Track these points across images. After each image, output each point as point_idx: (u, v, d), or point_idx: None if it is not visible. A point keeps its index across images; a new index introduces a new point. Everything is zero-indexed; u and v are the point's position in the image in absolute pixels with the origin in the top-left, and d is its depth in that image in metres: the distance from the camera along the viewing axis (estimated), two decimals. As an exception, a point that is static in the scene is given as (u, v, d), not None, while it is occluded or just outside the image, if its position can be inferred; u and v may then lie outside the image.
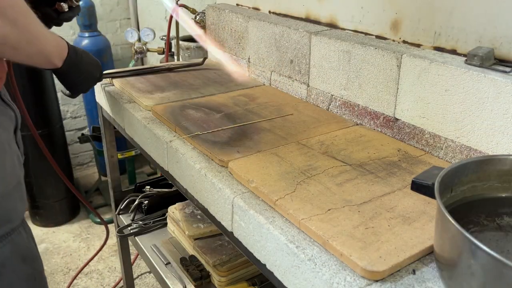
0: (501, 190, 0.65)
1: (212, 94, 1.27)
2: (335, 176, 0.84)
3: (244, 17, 1.39)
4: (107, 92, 1.34)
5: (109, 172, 1.61)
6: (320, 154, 0.92)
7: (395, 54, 0.96)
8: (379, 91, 1.02)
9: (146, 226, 1.60)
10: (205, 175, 0.88)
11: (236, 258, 1.31)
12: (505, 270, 0.45)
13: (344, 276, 0.62)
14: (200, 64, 0.97)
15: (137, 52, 2.12)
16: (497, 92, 0.80)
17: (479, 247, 0.47)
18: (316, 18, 1.27)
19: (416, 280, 0.62)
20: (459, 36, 0.93)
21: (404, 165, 0.89)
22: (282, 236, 0.70)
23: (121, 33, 2.97)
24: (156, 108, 1.15)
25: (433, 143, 0.94)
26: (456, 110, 0.87)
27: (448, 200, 0.62)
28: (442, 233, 0.54)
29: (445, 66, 0.87)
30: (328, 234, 0.67)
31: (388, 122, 1.02)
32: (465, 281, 0.51)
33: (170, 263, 1.40)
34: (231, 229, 0.83)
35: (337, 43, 1.09)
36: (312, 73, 1.19)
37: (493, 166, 0.64)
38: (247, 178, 0.82)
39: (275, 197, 0.76)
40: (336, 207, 0.74)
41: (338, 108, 1.15)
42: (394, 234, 0.68)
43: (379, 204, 0.76)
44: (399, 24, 1.05)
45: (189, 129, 1.03)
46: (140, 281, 2.15)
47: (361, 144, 0.97)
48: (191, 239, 1.41)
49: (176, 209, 1.52)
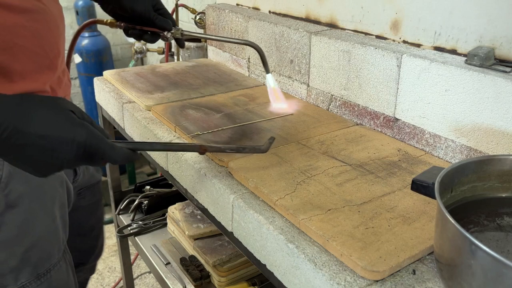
0: (501, 190, 0.65)
1: (212, 94, 1.27)
2: (335, 176, 0.84)
3: (244, 17, 1.39)
4: (107, 92, 1.34)
5: (108, 172, 1.61)
6: (320, 154, 0.92)
7: (395, 54, 0.96)
8: (379, 91, 1.02)
9: (146, 226, 1.60)
10: (205, 175, 0.88)
11: (236, 258, 1.31)
12: (505, 270, 0.45)
13: (344, 277, 0.62)
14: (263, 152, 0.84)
15: (137, 52, 2.12)
16: (497, 92, 0.80)
17: (479, 247, 0.47)
18: (316, 18, 1.27)
19: (416, 280, 0.62)
20: (459, 36, 0.93)
21: (404, 165, 0.89)
22: (282, 236, 0.70)
23: (121, 33, 2.97)
24: (156, 108, 1.15)
25: (433, 143, 0.94)
26: (456, 110, 0.87)
27: (448, 200, 0.62)
28: (442, 233, 0.54)
29: (445, 66, 0.87)
30: (328, 234, 0.67)
31: (388, 122, 1.02)
32: (465, 281, 0.51)
33: (170, 263, 1.40)
34: (231, 229, 0.83)
35: (337, 43, 1.09)
36: (312, 73, 1.19)
37: (493, 166, 0.64)
38: (247, 178, 0.82)
39: (275, 197, 0.76)
40: (336, 207, 0.74)
41: (338, 108, 1.14)
42: (394, 234, 0.68)
43: (379, 204, 0.75)
44: (399, 24, 1.05)
45: (189, 129, 1.03)
46: (140, 281, 2.15)
47: (361, 144, 0.97)
48: (191, 239, 1.40)
49: (176, 209, 1.52)
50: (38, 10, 0.74)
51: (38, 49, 0.75)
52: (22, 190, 0.74)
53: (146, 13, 0.99)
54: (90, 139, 0.62)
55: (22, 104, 0.58)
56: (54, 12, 0.79)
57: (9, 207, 0.73)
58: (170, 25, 1.02)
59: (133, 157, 0.70)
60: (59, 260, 0.82)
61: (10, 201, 0.73)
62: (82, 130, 0.62)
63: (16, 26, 0.70)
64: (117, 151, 0.67)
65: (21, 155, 0.58)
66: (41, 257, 0.78)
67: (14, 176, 0.73)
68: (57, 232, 0.81)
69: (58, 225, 0.81)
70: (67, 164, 0.62)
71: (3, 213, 0.72)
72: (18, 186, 0.73)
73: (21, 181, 0.74)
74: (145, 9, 0.99)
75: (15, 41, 0.70)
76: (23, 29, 0.72)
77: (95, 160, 0.65)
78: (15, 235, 0.74)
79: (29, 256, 0.76)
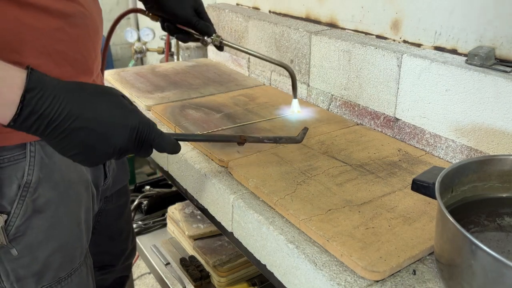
0: (502, 190, 0.65)
1: (212, 94, 1.27)
2: (335, 176, 0.84)
3: (244, 16, 1.39)
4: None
5: (109, 172, 1.61)
6: (320, 154, 0.92)
7: (396, 53, 0.96)
8: (380, 91, 1.02)
9: (146, 226, 1.61)
10: (205, 175, 0.88)
11: (236, 259, 1.31)
12: (505, 271, 0.45)
13: (345, 277, 0.61)
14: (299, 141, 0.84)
15: (137, 52, 2.12)
16: (498, 92, 0.80)
17: (479, 247, 0.46)
18: (316, 17, 1.27)
19: (417, 280, 0.62)
20: (460, 36, 0.93)
21: (404, 165, 0.89)
22: (282, 236, 0.69)
23: (120, 32, 2.97)
24: (156, 108, 1.15)
25: (434, 143, 0.93)
26: (457, 110, 0.87)
27: (449, 200, 0.62)
28: (443, 233, 0.54)
29: (446, 66, 0.87)
30: (328, 234, 0.67)
31: (389, 122, 1.02)
32: (465, 282, 0.51)
33: (170, 263, 1.40)
34: (231, 229, 0.83)
35: (337, 42, 1.09)
36: (312, 73, 1.19)
37: (493, 166, 0.64)
38: (247, 178, 0.82)
39: (275, 197, 0.76)
40: (336, 207, 0.74)
41: (338, 108, 1.14)
42: (394, 234, 0.68)
43: (379, 204, 0.75)
44: (400, 24, 1.05)
45: (189, 129, 1.03)
46: (140, 282, 2.15)
47: (362, 144, 0.97)
48: (191, 239, 1.40)
49: (176, 209, 1.52)
50: (80, 14, 0.73)
51: (77, 55, 0.73)
52: (49, 195, 0.73)
53: (188, 17, 0.99)
54: (142, 125, 0.64)
55: (79, 89, 0.60)
56: (95, 16, 0.78)
57: (36, 212, 0.72)
58: (211, 31, 1.02)
59: (178, 147, 0.72)
60: (80, 264, 0.81)
61: (37, 206, 0.72)
62: (135, 116, 0.64)
63: (57, 30, 0.69)
64: (166, 139, 0.68)
65: (75, 140, 0.59)
66: (64, 261, 0.78)
67: (42, 182, 0.72)
68: (81, 236, 0.81)
69: (82, 230, 0.80)
70: (118, 151, 0.63)
71: (30, 218, 0.72)
72: (46, 191, 0.73)
73: (49, 187, 0.73)
74: (186, 13, 0.99)
75: (54, 46, 0.69)
76: (64, 34, 0.70)
77: (144, 147, 0.66)
78: (40, 240, 0.73)
79: (52, 261, 0.76)
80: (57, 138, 0.59)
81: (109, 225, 1.03)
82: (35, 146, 0.71)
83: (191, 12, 1.00)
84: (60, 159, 0.73)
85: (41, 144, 0.72)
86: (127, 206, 1.10)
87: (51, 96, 0.56)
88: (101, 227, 1.01)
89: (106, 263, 1.08)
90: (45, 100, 0.56)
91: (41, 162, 0.72)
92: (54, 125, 0.57)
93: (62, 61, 0.71)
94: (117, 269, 1.11)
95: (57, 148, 0.61)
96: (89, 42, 0.76)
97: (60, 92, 0.57)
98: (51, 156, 0.73)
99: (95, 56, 0.80)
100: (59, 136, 0.58)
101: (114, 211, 1.03)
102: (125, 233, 1.10)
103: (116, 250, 1.09)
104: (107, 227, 1.03)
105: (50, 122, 0.57)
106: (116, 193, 1.02)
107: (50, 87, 0.57)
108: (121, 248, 1.10)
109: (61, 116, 0.57)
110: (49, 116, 0.56)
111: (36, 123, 0.56)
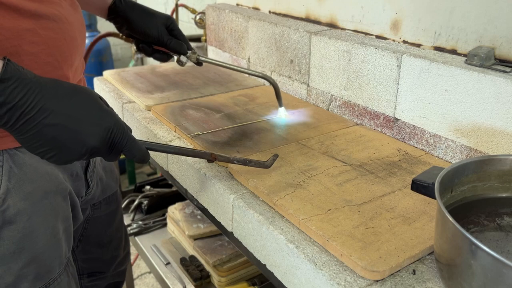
0: (501, 190, 0.65)
1: (212, 94, 1.27)
2: (335, 176, 0.84)
3: (244, 17, 1.39)
4: (107, 92, 1.34)
5: (109, 172, 1.61)
6: (320, 154, 0.92)
7: (395, 54, 0.96)
8: (379, 91, 1.02)
9: (146, 226, 1.61)
10: (205, 175, 0.88)
11: (236, 258, 1.31)
12: (505, 270, 0.45)
13: (344, 277, 0.62)
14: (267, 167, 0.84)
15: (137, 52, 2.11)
16: (497, 92, 0.80)
17: (479, 247, 0.47)
18: (316, 18, 1.27)
19: (416, 280, 0.62)
20: (459, 36, 0.93)
21: (404, 165, 0.89)
22: (282, 236, 0.70)
23: (121, 33, 2.97)
24: (156, 108, 1.15)
25: (433, 143, 0.94)
26: (456, 110, 0.87)
27: (448, 200, 0.62)
28: (442, 233, 0.54)
29: (445, 66, 0.87)
30: (328, 234, 0.67)
31: (388, 122, 1.02)
32: (465, 281, 0.51)
33: (170, 263, 1.40)
34: (231, 229, 0.83)
35: (337, 43, 1.09)
36: (312, 73, 1.19)
37: (493, 166, 0.64)
38: (247, 178, 0.82)
39: (275, 197, 0.76)
40: (336, 207, 0.74)
41: (338, 108, 1.15)
42: (394, 234, 0.68)
43: (379, 204, 0.75)
44: (399, 24, 1.05)
45: (189, 129, 1.03)
46: (140, 281, 2.15)
47: (361, 144, 0.97)
48: (191, 239, 1.41)
49: (176, 209, 1.52)
50: (54, 17, 0.71)
51: (49, 58, 0.71)
52: (20, 206, 0.71)
53: (159, 37, 0.97)
54: (117, 127, 0.63)
55: (55, 85, 0.59)
56: (72, 22, 0.76)
57: (7, 223, 0.70)
58: (185, 49, 0.99)
59: (147, 157, 0.70)
60: (60, 274, 0.79)
61: (7, 217, 0.70)
62: (110, 117, 0.63)
63: (27, 31, 0.67)
64: (137, 146, 0.67)
65: (47, 136, 0.58)
66: (40, 272, 0.75)
67: (12, 192, 0.70)
68: (59, 246, 0.78)
69: (60, 239, 0.78)
70: (90, 151, 0.61)
71: (0, 229, 0.70)
72: (16, 202, 0.71)
73: (19, 197, 0.71)
74: (157, 32, 0.97)
75: (23, 47, 0.67)
76: (35, 36, 0.68)
77: (115, 151, 0.65)
78: (11, 251, 0.71)
79: (27, 272, 0.74)
80: (28, 133, 0.57)
81: (98, 232, 1.01)
82: (3, 156, 0.69)
83: (163, 31, 0.98)
84: (33, 170, 0.72)
85: (9, 153, 0.70)
86: (118, 213, 1.08)
87: (26, 88, 0.56)
88: (89, 235, 0.99)
89: (96, 270, 1.06)
90: (20, 91, 0.55)
91: (10, 172, 0.70)
92: (27, 118, 0.56)
93: (31, 63, 0.68)
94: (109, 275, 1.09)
95: (26, 144, 0.59)
96: (64, 47, 0.74)
97: (36, 85, 0.57)
98: (21, 166, 0.71)
99: (71, 64, 0.77)
100: (30, 131, 0.57)
101: (103, 219, 1.01)
102: (116, 240, 1.08)
103: (106, 258, 1.07)
104: (95, 234, 1.01)
105: (23, 114, 0.56)
106: (105, 201, 1.00)
107: (26, 80, 0.56)
108: (112, 256, 1.08)
109: (35, 109, 0.56)
110: (22, 107, 0.55)
111: (8, 113, 0.55)
